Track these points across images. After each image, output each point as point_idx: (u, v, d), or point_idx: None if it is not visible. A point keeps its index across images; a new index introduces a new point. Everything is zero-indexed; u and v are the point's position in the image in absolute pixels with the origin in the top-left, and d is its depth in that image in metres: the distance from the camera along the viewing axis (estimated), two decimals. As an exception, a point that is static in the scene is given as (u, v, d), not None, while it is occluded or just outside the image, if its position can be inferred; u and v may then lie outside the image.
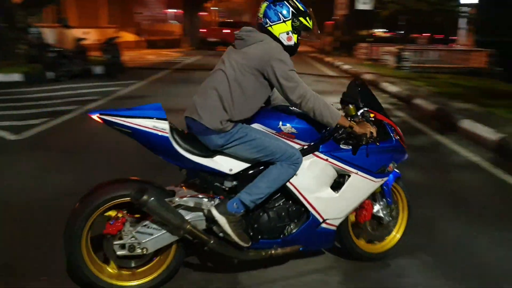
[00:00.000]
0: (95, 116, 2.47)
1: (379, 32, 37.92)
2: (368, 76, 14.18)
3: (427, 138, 7.00)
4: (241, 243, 2.61)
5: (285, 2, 2.66)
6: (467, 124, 7.08)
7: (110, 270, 2.68)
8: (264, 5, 2.70)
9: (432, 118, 8.35)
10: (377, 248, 3.22)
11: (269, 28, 2.67)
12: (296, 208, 2.82)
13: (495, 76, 19.03)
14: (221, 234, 2.60)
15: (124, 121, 2.48)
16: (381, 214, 3.14)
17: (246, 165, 2.68)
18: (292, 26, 2.67)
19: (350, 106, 2.79)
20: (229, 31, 26.89)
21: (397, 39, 18.18)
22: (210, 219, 2.58)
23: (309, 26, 2.72)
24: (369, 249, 3.18)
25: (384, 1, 18.67)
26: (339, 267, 3.14)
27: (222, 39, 26.86)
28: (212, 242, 2.60)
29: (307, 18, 2.72)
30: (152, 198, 2.41)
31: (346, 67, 17.50)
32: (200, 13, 36.22)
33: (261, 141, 2.59)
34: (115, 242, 2.57)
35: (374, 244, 3.23)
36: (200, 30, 30.16)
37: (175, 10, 41.14)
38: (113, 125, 2.49)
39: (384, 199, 3.15)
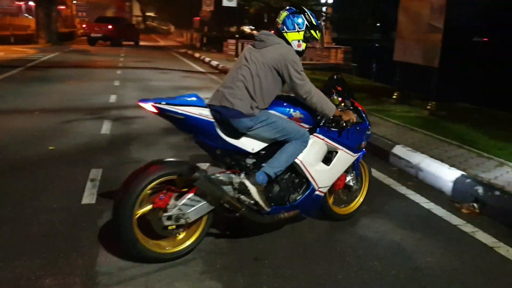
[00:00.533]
0: (148, 105, 2.87)
1: (246, 28, 38.94)
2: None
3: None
4: (266, 208, 3.16)
5: (302, 15, 3.21)
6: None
7: (153, 241, 3.01)
8: (284, 14, 3.24)
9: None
10: (346, 210, 3.89)
11: (285, 34, 3.21)
12: (299, 179, 3.38)
13: (351, 71, 20.74)
14: (251, 202, 3.11)
15: (178, 109, 2.90)
16: (351, 183, 3.81)
17: (264, 144, 3.20)
18: (304, 36, 3.23)
19: (335, 96, 3.50)
20: (111, 27, 27.39)
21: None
22: (242, 189, 3.07)
23: (317, 38, 3.30)
24: (340, 211, 3.84)
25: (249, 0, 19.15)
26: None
27: (104, 35, 27.37)
28: (243, 209, 3.08)
29: (317, 31, 3.28)
30: (203, 174, 2.84)
31: (215, 63, 17.62)
32: (60, 7, 33.83)
33: (280, 123, 3.13)
34: (165, 214, 2.91)
35: (344, 207, 3.89)
36: (83, 25, 30.46)
37: (31, 3, 37.84)
38: (166, 112, 2.89)
39: (354, 171, 3.81)
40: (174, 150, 5.69)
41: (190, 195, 2.96)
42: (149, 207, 2.92)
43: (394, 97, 9.52)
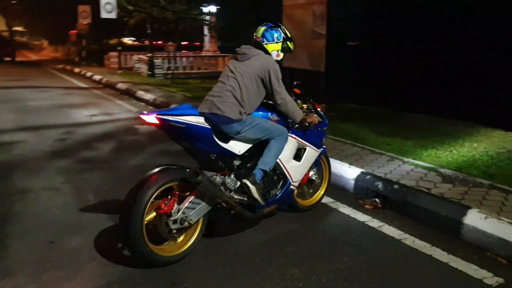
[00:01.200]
0: (151, 117, 3.06)
1: (127, 40, 37.74)
2: (122, 85, 13.81)
3: (188, 142, 7.10)
4: (262, 203, 3.48)
5: (278, 28, 3.62)
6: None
7: (156, 246, 3.10)
8: (262, 28, 3.60)
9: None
10: (309, 202, 4.23)
11: (265, 45, 3.57)
12: (277, 176, 3.72)
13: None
14: (245, 200, 3.44)
15: (180, 118, 3.11)
16: (314, 178, 4.17)
17: (248, 146, 3.49)
18: (282, 47, 3.63)
19: (299, 101, 3.97)
20: None
21: (148, 47, 18.25)
22: (245, 188, 3.38)
23: (292, 48, 3.71)
24: (303, 203, 4.18)
25: (129, 10, 18.48)
26: None
27: None
28: (238, 207, 3.35)
29: (292, 43, 3.69)
30: (206, 177, 3.06)
31: (98, 77, 16.72)
32: None
33: (264, 124, 3.46)
34: (171, 219, 3.08)
35: (307, 199, 4.23)
36: None
37: None
38: (170, 122, 3.08)
39: (316, 167, 4.18)
40: (65, 174, 5.20)
41: (192, 198, 3.18)
42: (154, 213, 3.09)
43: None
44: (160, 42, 24.53)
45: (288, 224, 3.92)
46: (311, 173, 4.15)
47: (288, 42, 3.66)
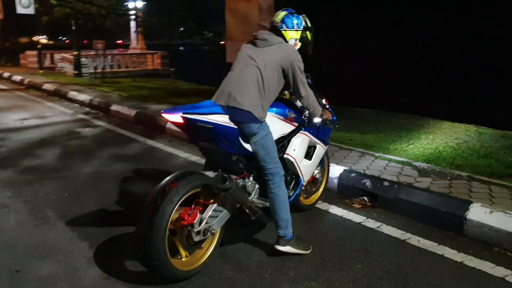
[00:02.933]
0: (176, 116, 2.76)
1: (41, 39, 35.48)
2: (49, 86, 12.73)
3: (139, 145, 6.53)
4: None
5: (300, 16, 3.26)
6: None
7: (174, 259, 2.74)
8: (283, 13, 3.23)
9: (136, 123, 7.99)
10: (310, 201, 4.03)
11: (283, 31, 3.19)
12: (290, 176, 3.46)
13: (170, 76, 20.34)
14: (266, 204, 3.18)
15: (207, 118, 2.79)
16: (318, 176, 4.01)
17: None
18: (301, 36, 3.26)
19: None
20: None
21: (73, 46, 17.11)
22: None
23: (310, 40, 3.34)
24: (305, 202, 3.96)
25: (52, 5, 17.16)
26: None
27: None
28: (260, 213, 3.14)
29: (311, 32, 3.34)
30: (234, 183, 2.82)
31: (18, 77, 15.37)
32: None
33: (270, 145, 3.03)
34: (195, 230, 2.72)
35: (309, 198, 4.01)
36: None
37: None
38: (197, 122, 2.78)
39: (320, 164, 3.97)
40: (9, 187, 4.51)
41: (214, 205, 2.88)
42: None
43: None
44: (85, 40, 23.19)
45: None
46: (316, 171, 3.96)
47: (307, 32, 3.30)
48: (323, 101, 3.72)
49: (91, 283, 2.80)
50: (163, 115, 2.84)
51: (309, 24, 3.34)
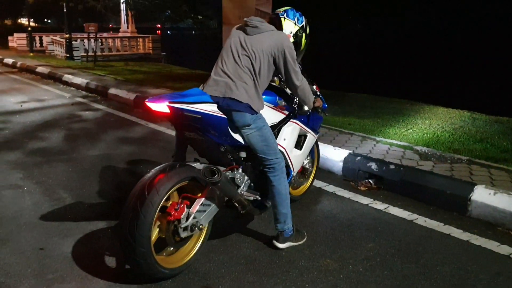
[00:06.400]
0: (163, 105, 2.56)
1: (25, 22, 34.92)
2: (43, 69, 12.64)
3: (142, 128, 6.59)
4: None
5: (303, 17, 3.23)
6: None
7: (159, 256, 2.62)
8: (288, 8, 3.19)
9: (135, 107, 8.02)
10: (299, 192, 3.93)
11: (283, 18, 3.12)
12: None
13: (161, 60, 20.22)
14: (257, 198, 3.13)
15: (195, 107, 2.63)
16: (307, 166, 3.90)
17: None
18: (296, 32, 3.17)
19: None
20: None
21: (57, 29, 16.93)
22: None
23: (303, 45, 3.26)
24: (294, 193, 3.82)
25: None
26: None
27: None
28: (250, 206, 3.01)
29: (307, 39, 3.27)
30: (223, 175, 2.64)
31: (10, 60, 15.22)
32: None
33: (269, 135, 2.94)
34: (182, 225, 2.60)
35: (297, 188, 3.90)
36: None
37: None
38: (183, 112, 2.61)
39: (310, 154, 3.90)
40: (20, 169, 4.56)
41: (202, 200, 2.72)
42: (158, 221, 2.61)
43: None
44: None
45: (294, 212, 3.72)
46: (306, 161, 3.84)
47: (304, 34, 3.21)
48: (314, 87, 3.60)
49: (113, 261, 2.90)
50: (148, 104, 2.61)
51: (307, 30, 3.27)
